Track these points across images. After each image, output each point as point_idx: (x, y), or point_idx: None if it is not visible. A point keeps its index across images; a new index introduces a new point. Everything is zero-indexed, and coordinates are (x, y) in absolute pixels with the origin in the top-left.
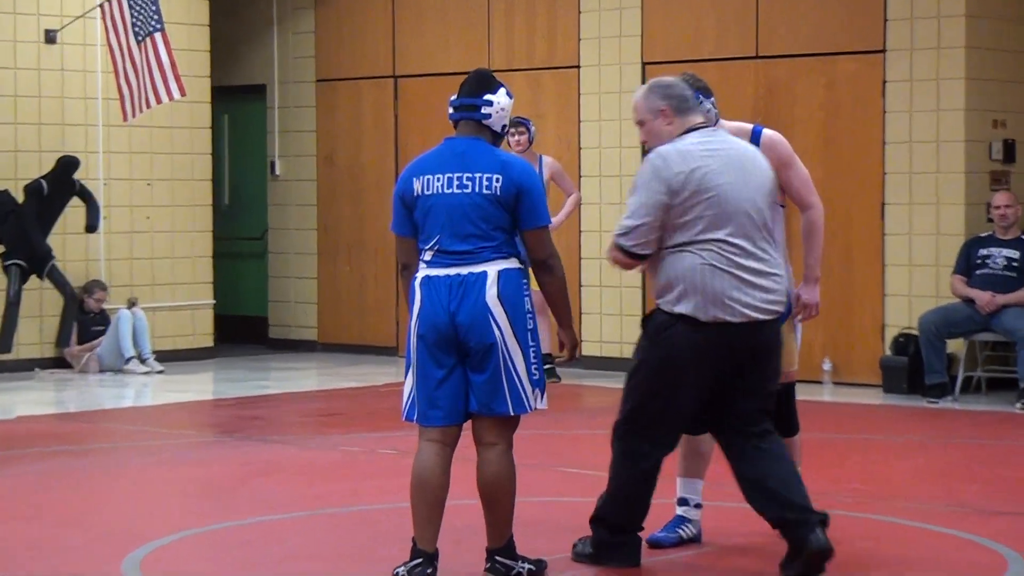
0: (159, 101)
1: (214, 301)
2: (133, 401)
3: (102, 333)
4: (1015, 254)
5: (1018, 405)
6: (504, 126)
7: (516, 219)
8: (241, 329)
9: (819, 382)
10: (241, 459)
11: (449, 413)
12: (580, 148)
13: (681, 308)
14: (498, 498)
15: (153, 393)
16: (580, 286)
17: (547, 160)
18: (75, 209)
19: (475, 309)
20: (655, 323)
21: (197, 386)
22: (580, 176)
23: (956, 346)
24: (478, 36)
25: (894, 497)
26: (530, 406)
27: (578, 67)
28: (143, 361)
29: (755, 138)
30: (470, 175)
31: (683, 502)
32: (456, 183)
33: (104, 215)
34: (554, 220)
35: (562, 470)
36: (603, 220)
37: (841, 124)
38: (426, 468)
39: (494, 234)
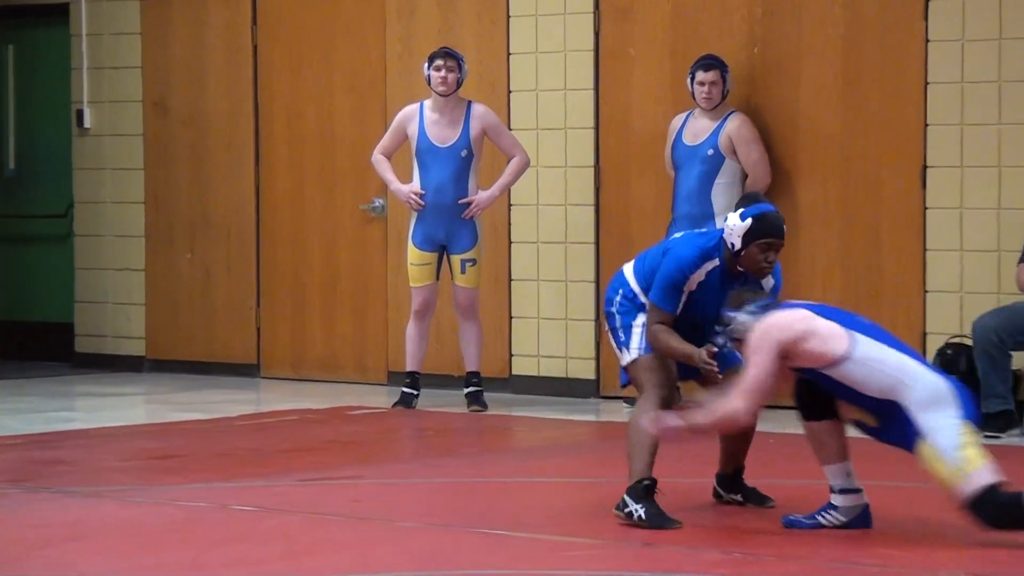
0: None
1: None
2: None
3: None
4: None
5: None
6: (733, 244)
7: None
8: (36, 341)
9: None
10: (38, 518)
11: None
12: (509, 91)
13: None
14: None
15: None
16: (510, 280)
17: (478, 110)
18: None
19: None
20: None
21: None
22: (509, 129)
23: None
24: None
25: (944, 567)
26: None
27: None
28: None
29: None
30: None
31: (830, 489)
32: None
33: None
34: (488, 192)
35: (485, 532)
36: (540, 191)
37: (867, 58)
38: None
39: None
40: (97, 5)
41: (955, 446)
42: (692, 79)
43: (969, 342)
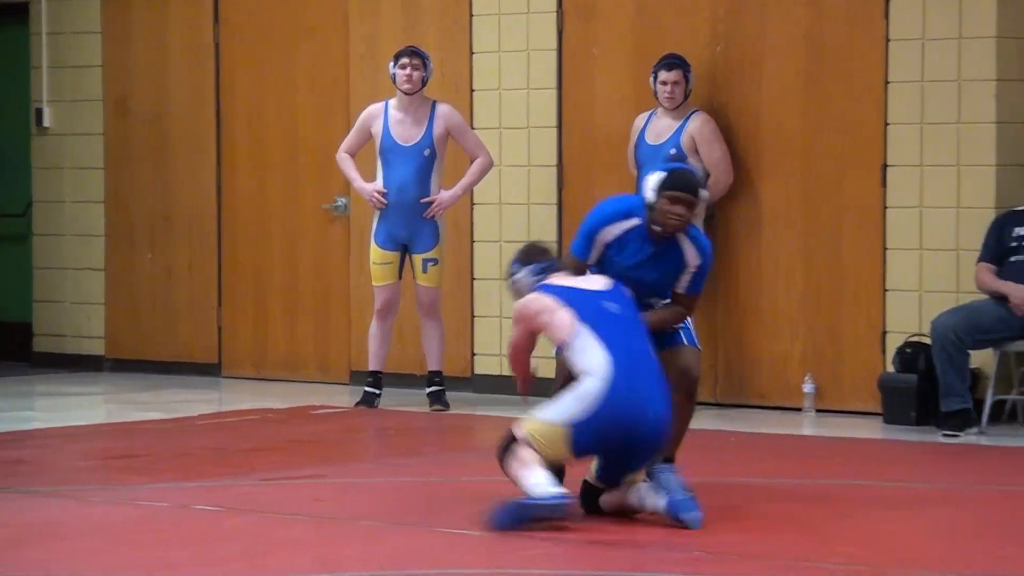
0: None
1: None
2: None
3: None
4: None
5: None
6: (647, 197)
7: None
8: None
9: (797, 409)
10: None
11: None
12: (472, 90)
13: None
14: None
15: None
16: (472, 279)
17: (443, 109)
18: None
19: None
20: None
21: None
22: (472, 128)
23: (983, 359)
24: None
25: (902, 565)
26: None
27: None
28: None
29: None
30: None
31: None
32: None
33: None
34: (450, 192)
35: (447, 531)
36: (503, 190)
37: (829, 57)
38: None
39: None
40: (57, 4)
41: (543, 418)
42: (655, 78)
43: (928, 341)
